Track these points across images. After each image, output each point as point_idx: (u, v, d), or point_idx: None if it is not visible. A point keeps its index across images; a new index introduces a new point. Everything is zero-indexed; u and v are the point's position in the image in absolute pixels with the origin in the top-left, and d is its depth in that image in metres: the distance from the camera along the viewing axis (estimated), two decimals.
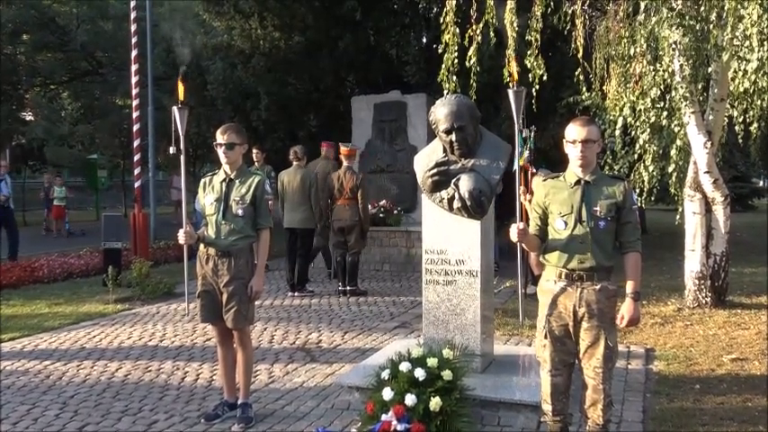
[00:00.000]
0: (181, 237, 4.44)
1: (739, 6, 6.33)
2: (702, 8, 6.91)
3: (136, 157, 13.25)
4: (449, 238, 4.76)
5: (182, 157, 4.72)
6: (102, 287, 9.21)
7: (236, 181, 4.48)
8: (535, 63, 7.61)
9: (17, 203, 16.68)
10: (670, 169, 7.83)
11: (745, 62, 6.46)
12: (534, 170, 8.06)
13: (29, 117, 27.77)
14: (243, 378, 4.58)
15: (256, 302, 4.68)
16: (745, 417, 4.46)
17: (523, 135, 3.79)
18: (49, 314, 8.02)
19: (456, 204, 4.56)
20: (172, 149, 4.55)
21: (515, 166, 4.40)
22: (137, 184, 12.99)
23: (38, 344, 6.68)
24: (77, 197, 26.20)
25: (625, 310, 3.42)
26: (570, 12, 8.02)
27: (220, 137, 4.43)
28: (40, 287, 10.01)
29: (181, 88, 4.62)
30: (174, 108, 4.49)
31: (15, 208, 13.80)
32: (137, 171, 13.22)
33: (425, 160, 4.74)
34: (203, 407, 4.83)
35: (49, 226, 19.88)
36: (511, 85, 3.93)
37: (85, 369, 5.79)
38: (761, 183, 36.90)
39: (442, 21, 7.72)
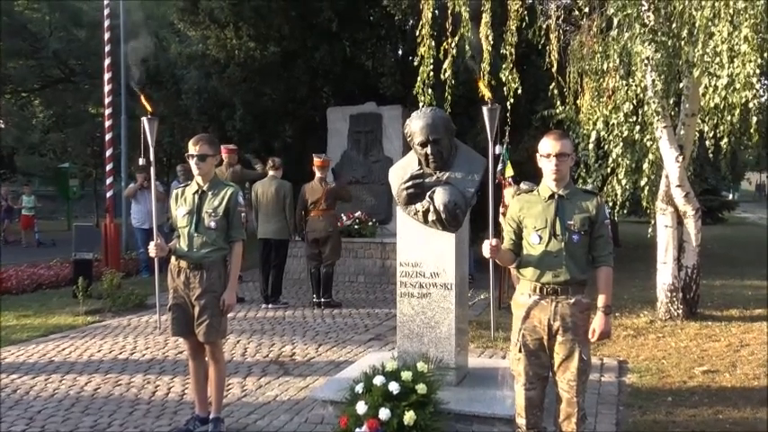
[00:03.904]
0: (152, 249, 4.38)
1: (710, 24, 6.45)
2: (674, 25, 7.02)
3: (108, 167, 13.08)
4: (424, 250, 4.75)
5: (152, 169, 4.68)
6: (73, 299, 9.05)
7: (209, 193, 4.43)
8: (510, 77, 7.67)
9: None
10: (642, 183, 7.94)
11: (715, 78, 6.57)
12: (510, 182, 8.09)
13: None
14: (215, 392, 4.52)
15: (229, 315, 4.63)
16: (716, 429, 4.50)
17: (497, 151, 3.80)
18: (17, 326, 7.86)
19: (431, 217, 4.56)
20: (141, 161, 4.51)
21: (506, 176, 4.37)
22: (109, 194, 12.83)
23: (5, 357, 6.53)
24: (48, 206, 25.82)
25: (597, 324, 3.45)
26: (545, 26, 8.12)
27: (192, 148, 4.38)
28: (8, 298, 9.79)
29: (145, 103, 4.57)
30: (144, 119, 4.45)
31: None
32: (109, 181, 13.05)
33: (400, 173, 4.73)
34: (174, 421, 4.75)
35: (8, 237, 19.58)
36: (484, 99, 3.94)
37: (53, 383, 5.67)
38: (730, 196, 37.51)
39: (417, 33, 7.76)
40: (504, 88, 7.65)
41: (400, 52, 14.06)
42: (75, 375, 5.88)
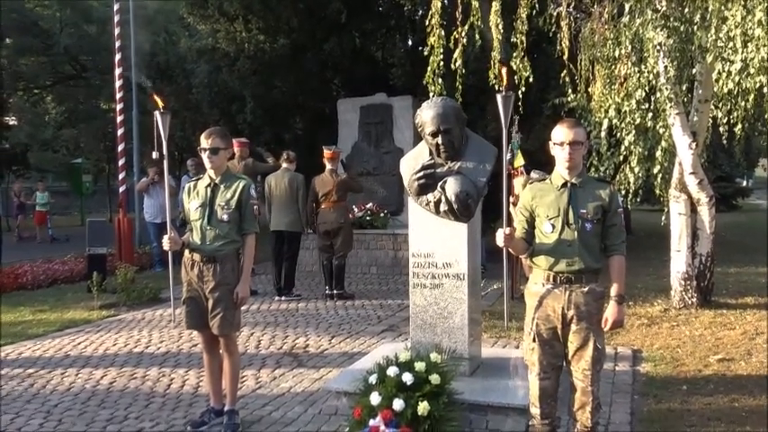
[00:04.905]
0: (165, 243, 4.40)
1: (723, 8, 6.36)
2: (686, 10, 6.94)
3: (120, 162, 13.11)
4: (436, 241, 4.73)
5: (165, 162, 4.69)
6: (87, 293, 9.11)
7: (221, 186, 4.43)
8: (521, 65, 7.62)
9: None
10: (655, 170, 7.87)
11: (728, 63, 6.49)
12: (522, 171, 8.05)
13: (12, 122, 27.53)
14: (229, 384, 4.54)
15: (242, 307, 4.64)
16: (732, 417, 4.47)
17: (512, 139, 3.78)
18: (33, 321, 7.93)
19: (443, 207, 4.55)
20: (155, 154, 4.52)
21: (516, 164, 4.34)
22: (121, 189, 12.89)
23: (21, 351, 6.59)
24: (62, 202, 25.97)
25: (609, 313, 3.43)
26: (555, 14, 8.05)
27: (204, 141, 4.39)
28: (23, 294, 9.90)
29: (157, 98, 4.58)
30: (156, 113, 4.46)
31: None
32: (121, 175, 13.10)
33: (412, 163, 4.71)
34: (189, 414, 4.78)
35: (22, 233, 19.74)
36: (497, 87, 3.92)
37: (70, 377, 5.72)
38: (744, 183, 37.20)
39: (427, 23, 7.72)
40: (516, 77, 7.60)
41: (410, 42, 14.03)
42: (91, 369, 5.92)
